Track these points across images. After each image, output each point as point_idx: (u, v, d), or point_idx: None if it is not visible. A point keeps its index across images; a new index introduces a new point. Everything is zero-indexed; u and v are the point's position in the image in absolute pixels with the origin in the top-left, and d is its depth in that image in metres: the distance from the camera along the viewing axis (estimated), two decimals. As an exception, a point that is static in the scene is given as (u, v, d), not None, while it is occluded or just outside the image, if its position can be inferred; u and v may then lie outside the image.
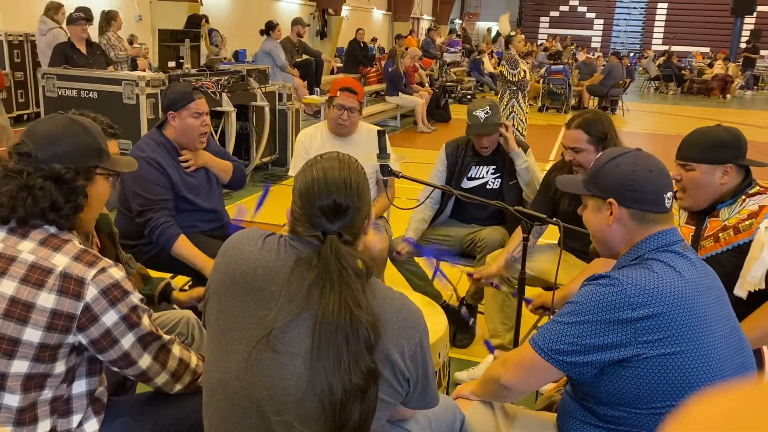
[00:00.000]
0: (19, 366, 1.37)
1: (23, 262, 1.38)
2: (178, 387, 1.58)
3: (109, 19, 7.35)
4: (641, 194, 1.48)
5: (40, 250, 1.40)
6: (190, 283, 2.95)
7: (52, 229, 1.44)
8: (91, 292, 1.38)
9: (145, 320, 1.48)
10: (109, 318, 1.41)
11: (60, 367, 1.40)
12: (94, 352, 1.43)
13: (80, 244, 1.47)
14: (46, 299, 1.37)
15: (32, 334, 1.36)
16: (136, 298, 1.46)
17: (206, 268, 2.57)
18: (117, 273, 1.43)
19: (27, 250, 1.40)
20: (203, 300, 1.43)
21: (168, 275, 2.73)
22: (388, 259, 3.18)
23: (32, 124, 1.57)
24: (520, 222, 2.27)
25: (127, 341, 1.44)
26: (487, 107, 3.07)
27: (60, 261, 1.39)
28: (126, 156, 1.75)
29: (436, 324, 2.20)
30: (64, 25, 6.70)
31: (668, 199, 1.50)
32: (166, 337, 1.55)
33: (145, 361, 1.49)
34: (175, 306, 2.48)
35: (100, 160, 1.55)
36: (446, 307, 3.14)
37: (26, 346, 1.37)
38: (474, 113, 3.08)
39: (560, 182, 1.75)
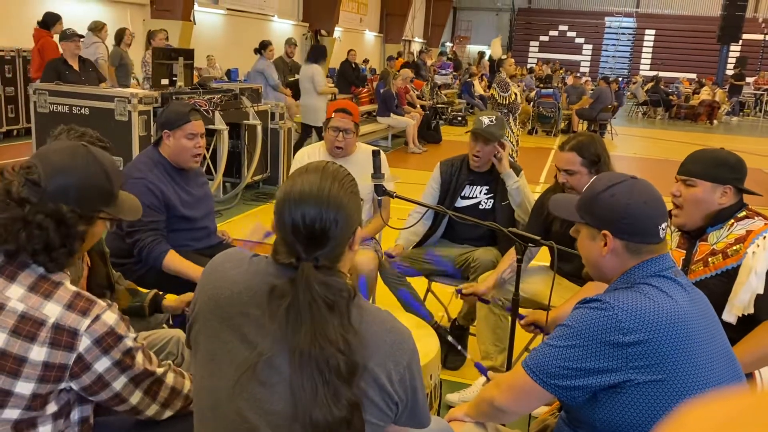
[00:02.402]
0: (10, 414, 1.32)
1: (12, 312, 1.31)
2: (168, 413, 1.54)
3: (148, 38, 8.44)
4: (636, 227, 1.47)
5: (30, 297, 1.33)
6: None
7: (41, 269, 1.36)
8: (84, 343, 1.33)
9: (139, 359, 1.43)
10: (102, 365, 1.36)
11: (52, 408, 1.36)
12: (84, 395, 1.39)
13: (71, 284, 1.40)
14: (38, 353, 1.30)
15: (24, 387, 1.31)
16: (130, 340, 1.41)
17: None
18: (111, 318, 1.37)
19: (16, 297, 1.32)
20: (188, 316, 1.40)
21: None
22: (380, 280, 3.17)
23: (47, 147, 1.47)
24: (512, 243, 2.27)
25: (119, 383, 1.40)
26: (494, 118, 3.17)
27: (52, 311, 1.32)
28: (131, 200, 1.61)
29: (428, 346, 2.19)
30: (107, 41, 7.75)
31: (662, 229, 1.49)
32: (160, 370, 1.49)
33: (136, 397, 1.44)
34: (164, 325, 2.46)
35: (107, 206, 1.46)
36: (437, 329, 3.13)
37: (18, 397, 1.32)
38: (480, 118, 3.18)
39: (553, 204, 1.74)
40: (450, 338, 2.71)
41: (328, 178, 1.28)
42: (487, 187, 3.24)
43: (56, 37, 6.85)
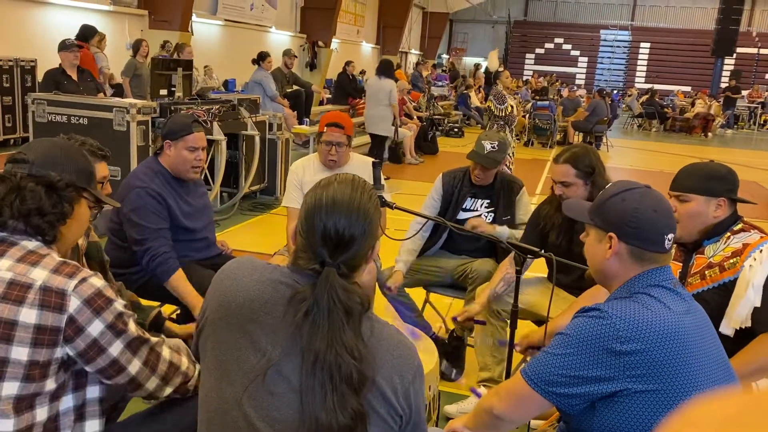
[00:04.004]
0: (10, 388, 1.34)
1: (1, 281, 1.36)
2: (168, 390, 1.55)
3: (176, 50, 8.97)
4: (642, 232, 1.49)
5: (18, 266, 1.38)
6: (178, 312, 2.92)
7: (31, 245, 1.42)
8: (73, 304, 1.36)
9: (132, 325, 1.46)
10: (95, 328, 1.38)
11: (51, 385, 1.38)
12: (82, 364, 1.41)
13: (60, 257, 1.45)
14: (28, 315, 1.34)
15: (20, 353, 1.34)
16: (120, 304, 1.44)
17: (197, 307, 2.55)
18: (98, 281, 1.42)
19: (4, 268, 1.37)
20: (197, 322, 1.41)
21: (156, 304, 2.71)
22: (378, 290, 3.18)
23: (32, 141, 1.59)
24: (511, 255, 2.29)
25: (116, 348, 1.42)
26: (496, 143, 3.15)
27: (39, 275, 1.37)
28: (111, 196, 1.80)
29: (426, 357, 2.20)
30: (105, 51, 8.11)
31: (669, 240, 1.51)
32: (154, 339, 1.53)
33: (134, 366, 1.46)
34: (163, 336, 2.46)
35: (89, 185, 1.56)
36: (435, 340, 3.14)
37: (15, 365, 1.34)
38: (482, 142, 3.17)
39: (566, 206, 1.77)
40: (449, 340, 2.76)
41: (358, 189, 1.33)
42: (488, 201, 3.26)
43: (92, 49, 7.24)
